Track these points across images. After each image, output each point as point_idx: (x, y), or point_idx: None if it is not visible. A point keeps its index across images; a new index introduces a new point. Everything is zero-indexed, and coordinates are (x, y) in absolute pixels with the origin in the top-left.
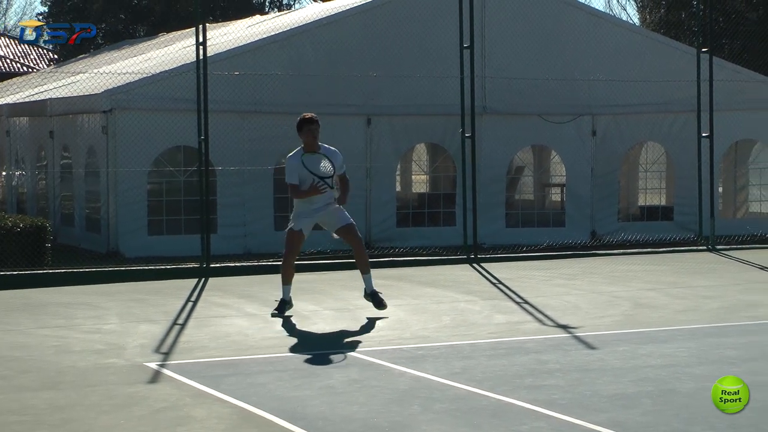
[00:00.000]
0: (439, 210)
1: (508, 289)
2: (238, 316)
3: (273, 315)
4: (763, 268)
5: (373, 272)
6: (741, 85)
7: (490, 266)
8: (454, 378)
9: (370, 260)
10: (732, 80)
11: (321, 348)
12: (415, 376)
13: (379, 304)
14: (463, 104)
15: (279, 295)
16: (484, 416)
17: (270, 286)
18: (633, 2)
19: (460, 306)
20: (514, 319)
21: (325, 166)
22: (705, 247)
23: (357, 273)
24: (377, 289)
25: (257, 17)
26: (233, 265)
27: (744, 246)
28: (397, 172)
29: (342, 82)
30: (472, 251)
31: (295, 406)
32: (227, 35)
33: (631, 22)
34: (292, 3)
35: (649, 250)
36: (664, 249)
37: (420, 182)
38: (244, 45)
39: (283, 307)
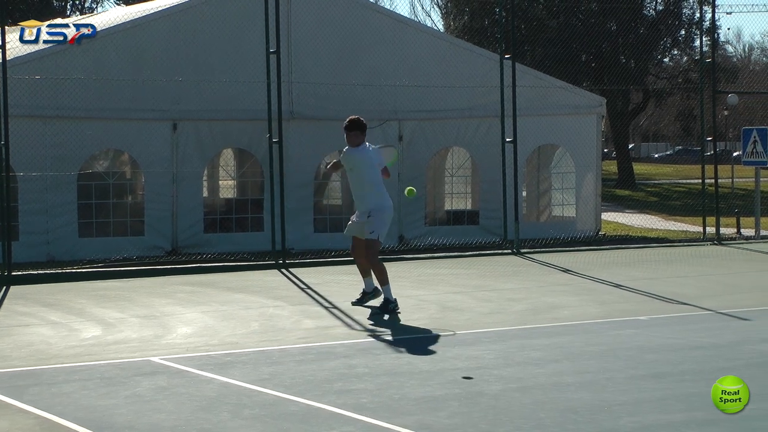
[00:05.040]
0: (246, 215)
1: (317, 294)
2: (42, 324)
3: (375, 313)
4: (565, 270)
5: (180, 279)
6: (543, 91)
7: (298, 271)
8: (263, 384)
9: (176, 266)
10: (534, 86)
11: (127, 356)
12: (223, 382)
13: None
14: (270, 109)
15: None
16: (293, 421)
17: (74, 294)
18: (437, 9)
19: (268, 311)
20: (323, 324)
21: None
22: (510, 251)
23: (162, 279)
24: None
25: (58, 21)
26: (36, 272)
27: (547, 249)
28: (204, 178)
29: (147, 86)
30: (281, 256)
31: (102, 416)
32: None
33: (435, 28)
34: (94, 6)
35: (455, 253)
36: (471, 253)
37: (227, 188)
38: (45, 48)
39: (386, 306)
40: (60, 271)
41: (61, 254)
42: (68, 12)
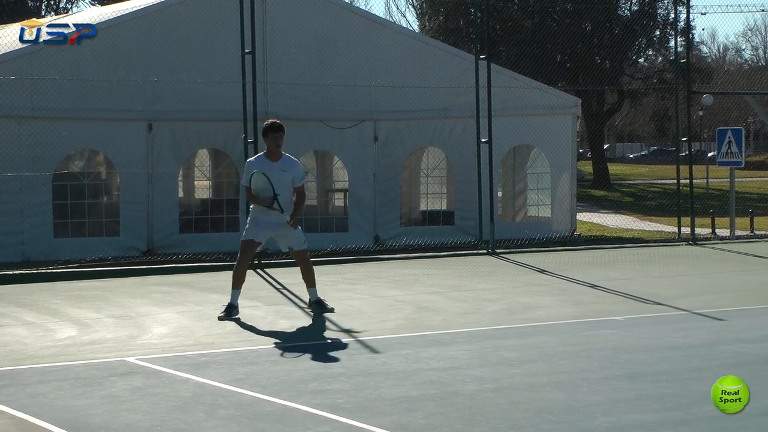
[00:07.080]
0: (222, 216)
1: (293, 294)
2: (17, 325)
3: (220, 318)
4: (540, 270)
5: (155, 279)
6: (518, 92)
7: (273, 272)
8: (239, 384)
9: (151, 267)
10: (509, 86)
11: (103, 356)
12: (199, 382)
13: (324, 308)
14: (245, 109)
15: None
16: (268, 422)
17: (49, 294)
18: (412, 9)
19: (244, 312)
20: (298, 324)
21: (283, 181)
22: (485, 251)
23: (138, 279)
24: (320, 297)
25: (33, 21)
26: (11, 273)
27: (522, 249)
28: (179, 178)
29: (122, 87)
30: (256, 257)
31: (77, 416)
32: (2, 38)
33: (410, 29)
34: (69, 6)
35: (430, 254)
36: (446, 253)
37: (203, 188)
38: (20, 48)
39: (230, 311)
40: (35, 271)
41: (37, 254)
42: (43, 12)
